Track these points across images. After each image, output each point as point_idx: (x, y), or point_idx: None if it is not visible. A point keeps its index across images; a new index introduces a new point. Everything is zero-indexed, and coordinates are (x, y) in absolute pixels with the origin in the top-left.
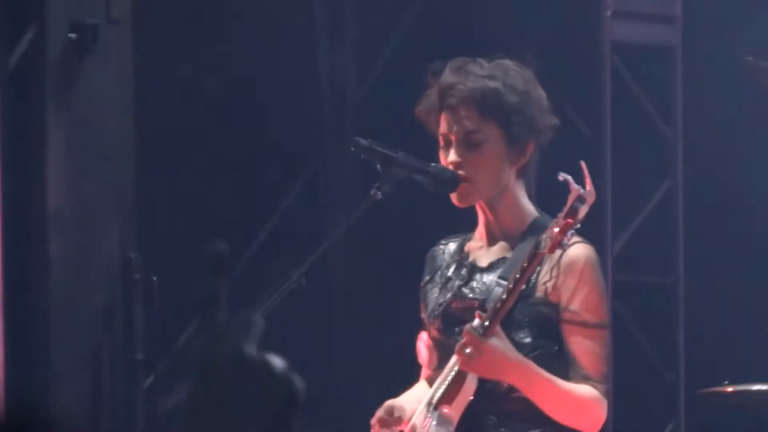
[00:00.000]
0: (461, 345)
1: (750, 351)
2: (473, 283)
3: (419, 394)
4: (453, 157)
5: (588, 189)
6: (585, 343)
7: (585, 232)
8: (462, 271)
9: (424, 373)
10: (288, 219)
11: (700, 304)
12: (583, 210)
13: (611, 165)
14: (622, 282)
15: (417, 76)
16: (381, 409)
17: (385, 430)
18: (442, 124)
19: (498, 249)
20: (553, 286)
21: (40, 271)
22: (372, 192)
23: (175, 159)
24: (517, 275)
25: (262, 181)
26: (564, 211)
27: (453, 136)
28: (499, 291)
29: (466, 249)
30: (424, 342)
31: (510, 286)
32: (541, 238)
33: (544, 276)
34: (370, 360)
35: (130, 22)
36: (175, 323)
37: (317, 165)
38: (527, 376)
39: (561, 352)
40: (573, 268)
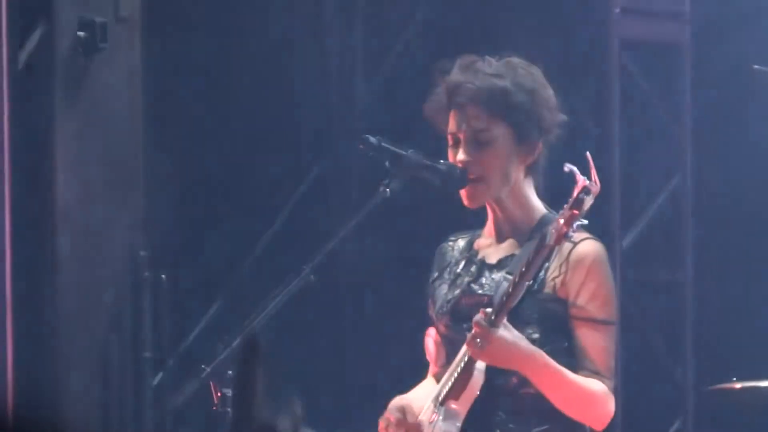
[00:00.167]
0: (471, 336)
1: (759, 348)
2: (482, 280)
3: (427, 391)
4: (462, 156)
5: (593, 180)
6: (594, 338)
7: (594, 228)
8: (471, 267)
9: (432, 369)
10: (297, 216)
11: (708, 301)
12: (588, 201)
13: (620, 162)
14: (631, 279)
15: (425, 74)
16: (394, 410)
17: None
18: (450, 123)
19: (507, 246)
20: (562, 281)
21: (49, 269)
22: (381, 189)
23: (184, 156)
24: (524, 268)
25: (272, 179)
26: (569, 202)
27: (461, 135)
28: (506, 285)
29: (475, 246)
30: (432, 338)
31: (516, 279)
32: (547, 230)
33: (552, 272)
34: (380, 356)
35: (139, 20)
36: (184, 321)
37: (326, 162)
38: (538, 365)
39: (570, 348)
40: (582, 264)
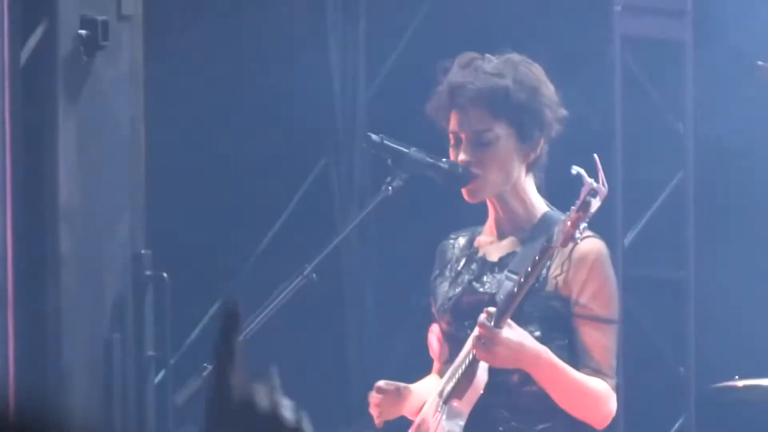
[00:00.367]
0: (476, 337)
1: (761, 346)
2: (484, 278)
3: (430, 387)
4: (464, 155)
5: (601, 182)
6: (596, 336)
7: (596, 226)
8: (472, 265)
9: (435, 366)
10: (300, 214)
11: (710, 298)
12: (595, 204)
13: (622, 159)
14: (632, 276)
15: (428, 71)
16: (380, 384)
17: (380, 396)
18: (452, 123)
19: (508, 243)
20: (564, 280)
21: (51, 267)
22: (383, 187)
23: (186, 155)
24: (529, 268)
25: (274, 177)
26: (576, 204)
27: (463, 135)
28: (510, 285)
29: (475, 244)
30: (435, 335)
31: (521, 280)
32: (552, 231)
33: (555, 270)
34: (383, 354)
35: (141, 19)
36: (186, 319)
37: (329, 160)
38: (542, 363)
39: (570, 346)
40: (584, 262)
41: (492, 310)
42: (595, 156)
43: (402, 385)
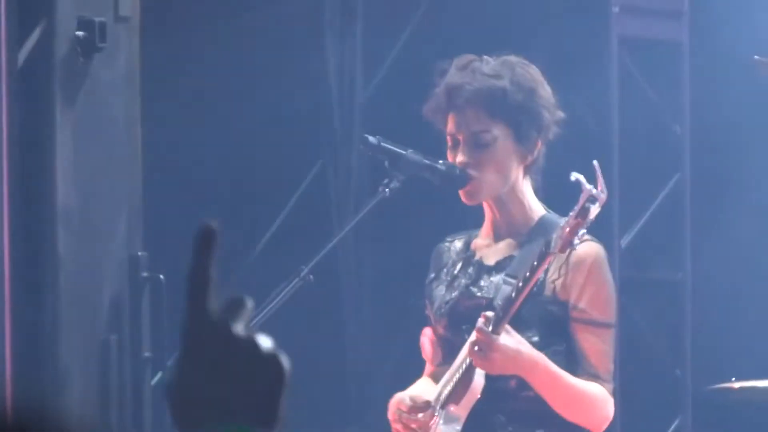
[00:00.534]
0: (473, 344)
1: (758, 347)
2: (481, 282)
3: (424, 390)
4: (461, 157)
5: (600, 189)
6: (593, 341)
7: (592, 228)
8: (469, 269)
9: (428, 368)
10: (297, 215)
11: (707, 300)
12: (594, 210)
13: (619, 160)
14: (629, 278)
15: (425, 73)
16: (403, 399)
17: (414, 414)
18: (449, 124)
19: (505, 247)
20: (562, 284)
21: (48, 268)
22: (380, 189)
23: (183, 156)
24: (528, 273)
25: (271, 178)
26: (575, 211)
27: (461, 137)
28: (508, 289)
29: (472, 247)
30: (428, 338)
31: (520, 285)
32: (551, 237)
33: (552, 274)
34: (380, 356)
35: (139, 20)
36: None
37: (326, 162)
38: (539, 370)
39: (568, 351)
40: (582, 266)
41: (490, 314)
42: (595, 163)
43: (414, 396)
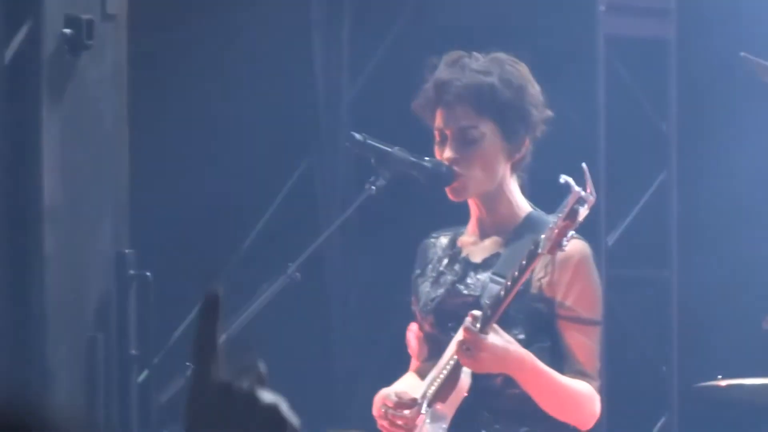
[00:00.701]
0: (460, 343)
1: (744, 345)
2: (467, 280)
3: (409, 385)
4: (449, 153)
5: (589, 191)
6: (580, 338)
7: (580, 226)
8: (455, 266)
9: (413, 364)
10: (283, 213)
11: (693, 298)
12: (583, 212)
13: (605, 158)
14: (615, 276)
15: (411, 71)
16: (389, 395)
17: (400, 411)
18: (438, 119)
19: (491, 244)
20: (549, 282)
21: (35, 266)
22: (366, 186)
23: (170, 154)
24: (516, 274)
25: (257, 176)
26: (564, 212)
27: (449, 132)
28: (495, 288)
29: (458, 243)
30: (414, 333)
31: (508, 284)
32: (540, 238)
33: (539, 272)
34: (367, 353)
35: (126, 18)
36: (169, 319)
37: (312, 159)
38: (526, 368)
39: (554, 348)
40: (568, 263)
41: (477, 314)
42: (584, 165)
43: (400, 391)
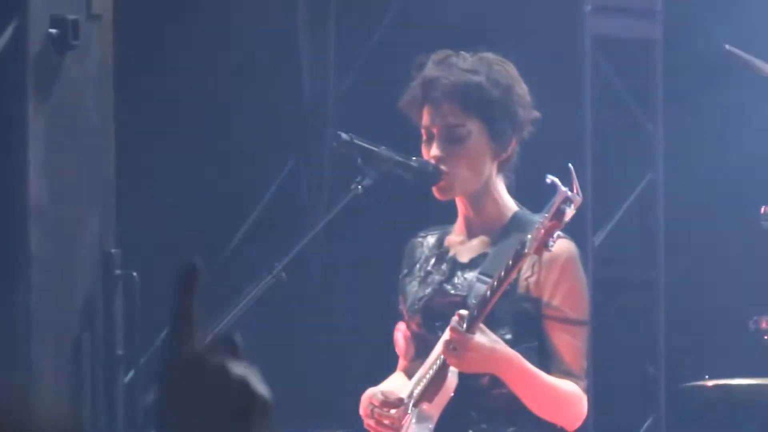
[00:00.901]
0: (447, 343)
1: (731, 345)
2: (455, 279)
3: (396, 385)
4: (435, 151)
5: (575, 191)
6: (567, 338)
7: (566, 226)
8: (442, 266)
9: (401, 364)
10: (269, 213)
11: (680, 299)
12: (569, 212)
13: (592, 158)
14: (602, 276)
15: (397, 71)
16: (375, 394)
17: (386, 410)
18: (425, 118)
19: (478, 244)
20: (536, 281)
21: (20, 266)
22: (353, 186)
23: (156, 154)
24: (503, 273)
25: (244, 176)
26: (551, 213)
27: (435, 130)
28: (482, 288)
29: (445, 243)
30: (401, 333)
31: (495, 284)
32: (526, 238)
33: (525, 272)
34: (353, 353)
35: (111, 18)
36: (156, 318)
37: (298, 159)
38: (513, 368)
39: (541, 348)
40: (555, 263)
41: (464, 313)
42: (570, 165)
43: (387, 391)
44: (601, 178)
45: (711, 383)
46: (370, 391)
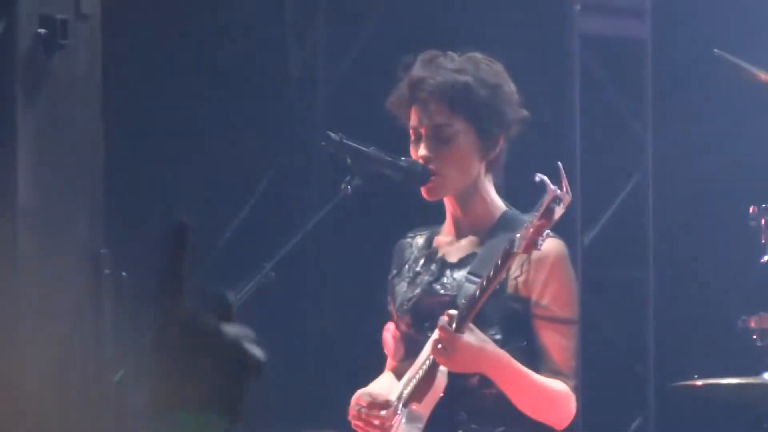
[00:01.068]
0: (436, 341)
1: (720, 345)
2: (444, 279)
3: (386, 385)
4: (423, 151)
5: (564, 190)
6: (556, 338)
7: (555, 226)
8: (431, 266)
9: (390, 364)
10: (258, 212)
11: (669, 298)
12: (559, 211)
13: (580, 158)
14: (591, 275)
15: (387, 70)
16: (363, 395)
17: (374, 411)
18: (412, 118)
19: (467, 244)
20: (524, 281)
21: (9, 266)
22: (342, 186)
23: (145, 154)
24: (491, 273)
25: (233, 175)
26: (540, 211)
27: (423, 130)
28: (471, 287)
29: (434, 243)
30: (390, 333)
31: (483, 283)
32: (515, 237)
33: (515, 271)
34: (342, 353)
35: (100, 17)
36: (145, 319)
37: (287, 159)
38: (502, 368)
39: (530, 348)
40: (544, 262)
41: (453, 313)
42: (559, 164)
43: (375, 393)
44: (590, 177)
45: (700, 382)
46: (359, 392)
